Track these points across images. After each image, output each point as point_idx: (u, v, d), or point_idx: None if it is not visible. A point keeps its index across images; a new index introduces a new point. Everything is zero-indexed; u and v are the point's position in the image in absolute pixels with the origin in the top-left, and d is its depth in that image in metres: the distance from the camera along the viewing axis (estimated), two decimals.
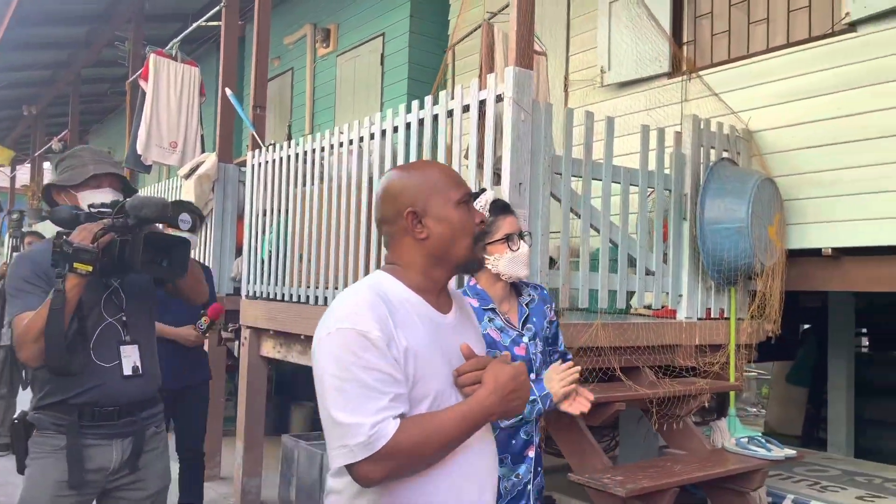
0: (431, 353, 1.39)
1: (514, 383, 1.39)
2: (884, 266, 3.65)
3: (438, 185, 1.46)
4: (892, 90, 3.57)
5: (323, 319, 1.39)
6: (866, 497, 4.02)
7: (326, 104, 8.21)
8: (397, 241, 1.47)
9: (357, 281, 1.58)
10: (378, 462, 1.27)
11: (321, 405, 1.35)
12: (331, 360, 1.31)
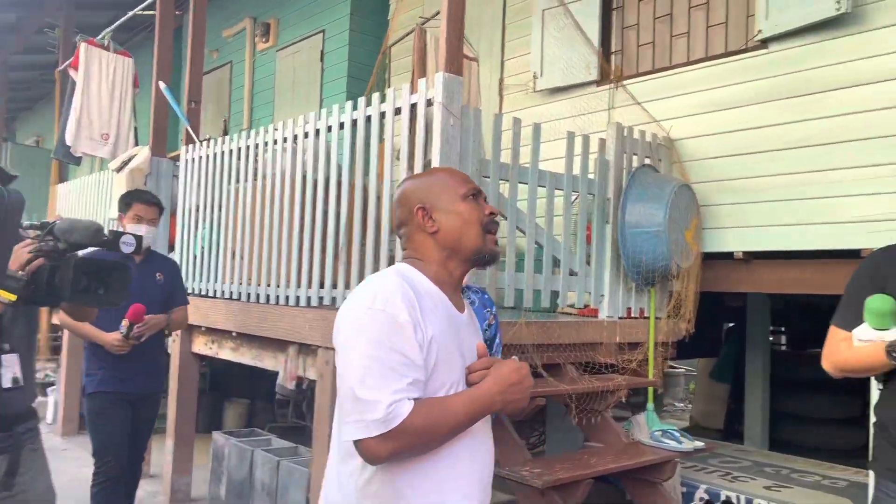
0: (450, 345, 1.47)
1: (516, 376, 1.47)
2: (790, 269, 3.89)
3: (446, 182, 1.59)
4: (799, 104, 3.81)
5: (352, 299, 1.46)
6: (773, 487, 4.28)
7: (265, 99, 8.15)
8: (412, 239, 1.58)
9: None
10: (389, 440, 1.34)
11: (342, 379, 1.41)
12: (360, 337, 1.38)
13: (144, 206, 3.66)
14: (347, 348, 1.41)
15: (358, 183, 3.69)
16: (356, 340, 1.39)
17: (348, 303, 1.47)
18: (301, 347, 3.98)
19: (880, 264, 2.14)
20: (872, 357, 2.04)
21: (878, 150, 3.48)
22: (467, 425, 1.44)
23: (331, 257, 3.81)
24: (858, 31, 3.58)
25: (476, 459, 1.51)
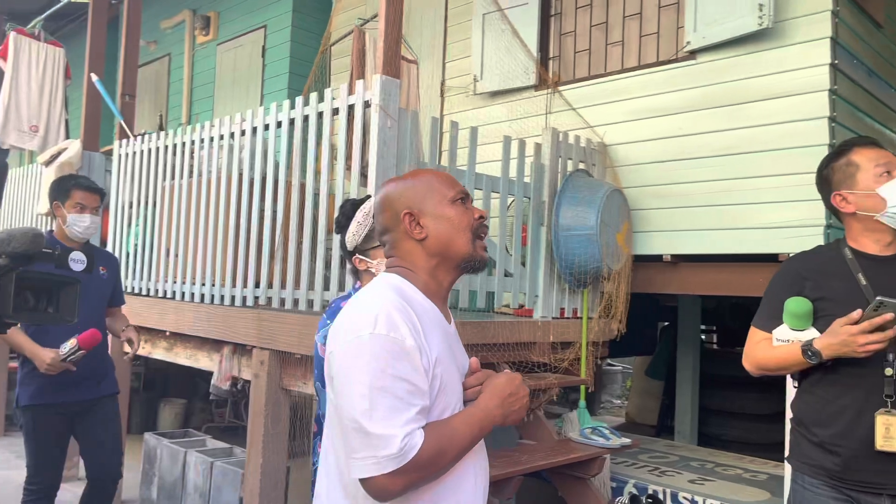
0: (450, 364, 1.41)
1: (511, 387, 1.42)
2: (713, 272, 4.06)
3: (432, 185, 1.49)
4: (724, 114, 3.97)
5: (348, 321, 1.35)
6: (697, 480, 4.45)
7: (205, 94, 8.00)
8: (399, 247, 1.49)
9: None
10: (402, 474, 1.26)
11: (343, 412, 1.31)
12: (363, 366, 1.28)
13: (86, 193, 3.35)
14: (349, 379, 1.29)
15: (295, 182, 3.68)
16: (359, 370, 1.28)
17: (346, 326, 1.35)
18: (236, 347, 3.95)
19: (798, 269, 2.21)
20: (790, 356, 2.12)
21: (793, 160, 3.66)
22: (472, 446, 1.38)
23: (267, 256, 3.79)
24: (778, 45, 3.76)
25: (479, 475, 1.47)
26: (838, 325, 2.01)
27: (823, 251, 2.25)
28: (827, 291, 2.12)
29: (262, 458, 3.57)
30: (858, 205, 2.11)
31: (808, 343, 2.07)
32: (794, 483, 2.34)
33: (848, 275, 2.12)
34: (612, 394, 11.26)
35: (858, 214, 2.12)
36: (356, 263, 2.45)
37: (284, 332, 3.48)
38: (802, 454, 2.30)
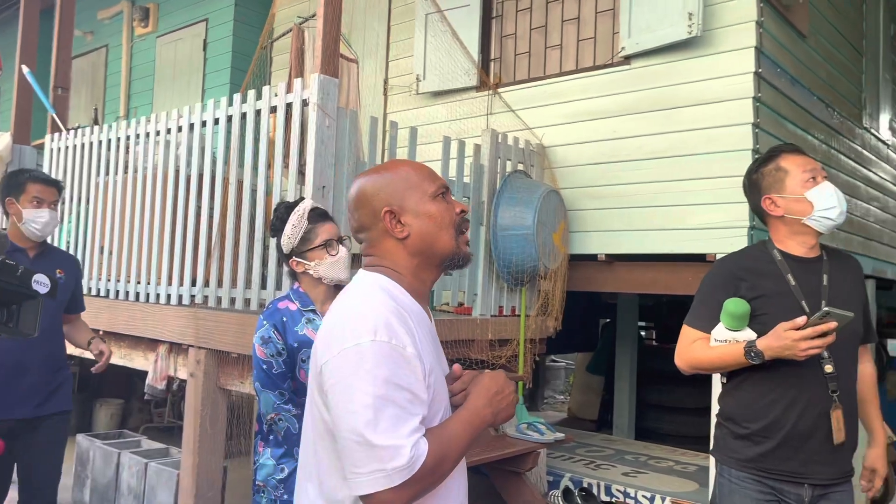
0: (439, 368, 1.35)
1: (496, 385, 1.36)
2: (646, 271, 4.19)
3: (412, 180, 1.40)
4: (656, 118, 4.10)
5: (343, 327, 1.27)
6: (630, 473, 4.59)
7: (144, 87, 7.82)
8: (379, 246, 1.40)
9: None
10: (408, 486, 1.19)
11: (342, 423, 1.23)
12: (365, 375, 1.20)
13: (42, 186, 3.00)
14: (349, 389, 1.21)
15: (233, 179, 3.65)
16: (361, 379, 1.20)
17: (342, 334, 1.26)
18: (172, 347, 3.90)
19: (733, 269, 2.25)
20: (730, 356, 2.19)
21: (720, 164, 3.81)
22: (468, 449, 1.32)
23: (204, 254, 3.75)
24: (707, 53, 3.90)
25: (463, 477, 1.43)
26: (782, 329, 2.07)
27: (752, 252, 2.30)
28: (761, 291, 2.20)
29: (198, 459, 3.54)
30: (787, 208, 2.17)
31: (751, 344, 2.12)
32: (720, 476, 2.42)
33: (778, 275, 2.21)
34: (555, 389, 11.45)
35: (786, 217, 2.19)
36: (293, 266, 2.45)
37: (221, 331, 3.45)
38: (728, 448, 2.39)
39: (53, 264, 3.09)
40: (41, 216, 2.98)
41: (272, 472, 2.40)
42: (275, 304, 2.47)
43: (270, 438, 2.42)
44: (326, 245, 2.42)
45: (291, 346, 2.36)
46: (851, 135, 5.04)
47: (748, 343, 2.14)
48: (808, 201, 2.14)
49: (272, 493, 2.40)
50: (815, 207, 2.15)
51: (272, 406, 2.33)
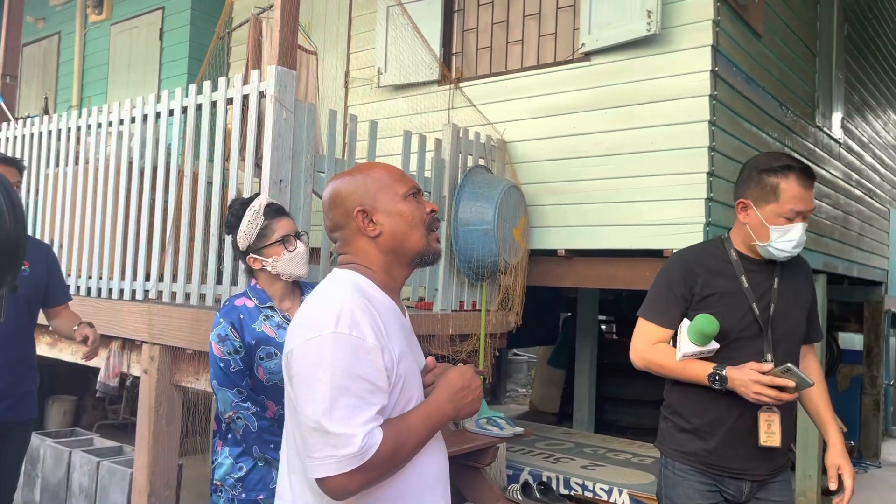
0: (411, 358, 1.41)
1: (462, 381, 1.42)
2: (605, 266, 4.23)
3: (384, 181, 1.47)
4: (615, 115, 4.14)
5: (308, 320, 1.33)
6: (589, 466, 4.64)
7: (98, 76, 7.62)
8: (352, 244, 1.47)
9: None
10: (361, 472, 1.26)
11: (303, 411, 1.29)
12: (325, 365, 1.27)
13: (5, 168, 2.79)
14: (309, 378, 1.28)
15: (188, 172, 3.58)
16: (321, 369, 1.27)
17: (306, 324, 1.33)
18: (125, 343, 3.81)
19: (690, 264, 2.27)
20: (692, 373, 2.20)
21: (677, 160, 3.86)
22: (427, 441, 1.38)
23: (158, 248, 3.67)
24: (665, 50, 3.94)
25: (440, 464, 1.47)
26: (749, 368, 2.12)
27: (709, 249, 2.32)
28: (714, 289, 2.23)
29: (152, 457, 3.47)
30: (752, 223, 2.18)
31: (718, 371, 2.15)
32: (665, 469, 2.47)
33: (732, 275, 2.24)
34: (517, 382, 11.53)
35: (746, 228, 2.21)
36: (250, 262, 2.41)
37: (176, 326, 3.38)
38: (674, 441, 2.44)
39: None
40: None
41: (230, 470, 2.36)
42: (231, 301, 2.43)
43: (229, 437, 2.38)
44: (283, 241, 2.39)
45: (249, 343, 2.32)
46: (804, 133, 5.16)
47: (716, 368, 2.16)
48: (769, 233, 2.15)
49: (230, 493, 2.37)
50: (771, 241, 2.16)
51: (230, 404, 2.30)
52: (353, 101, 5.43)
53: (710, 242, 2.36)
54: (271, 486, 2.37)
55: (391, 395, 1.35)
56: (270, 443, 2.31)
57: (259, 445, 2.32)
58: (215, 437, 2.44)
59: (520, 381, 11.66)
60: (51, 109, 7.35)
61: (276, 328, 2.36)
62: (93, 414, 6.98)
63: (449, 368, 1.47)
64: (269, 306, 2.39)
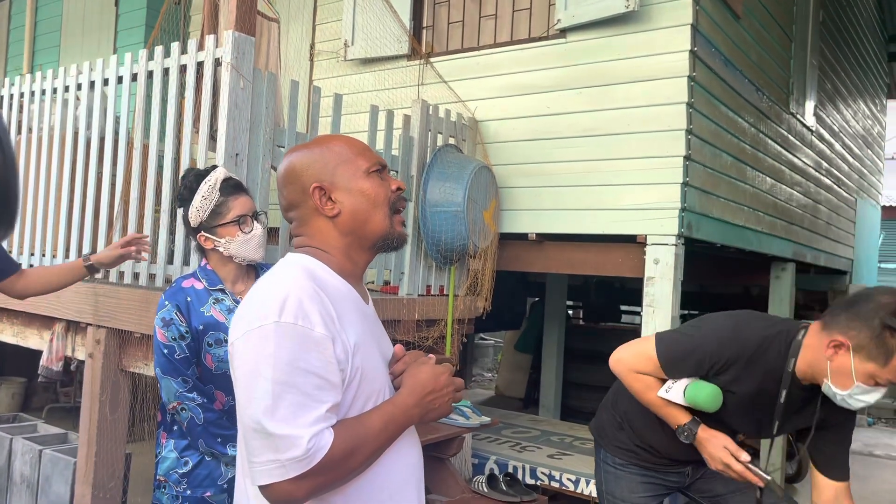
0: (371, 348, 1.27)
1: (434, 384, 1.28)
2: (576, 251, 4.11)
3: (344, 155, 1.33)
4: (591, 94, 3.99)
5: (251, 308, 1.19)
6: (556, 455, 4.55)
7: (50, 43, 7.24)
8: (308, 224, 1.32)
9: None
10: (308, 478, 1.12)
11: (244, 410, 1.15)
12: (265, 359, 1.13)
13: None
14: (250, 372, 1.15)
15: (137, 144, 3.35)
16: (262, 363, 1.14)
17: (247, 313, 1.19)
18: (69, 325, 3.58)
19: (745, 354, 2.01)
20: (665, 414, 2.10)
21: (653, 143, 3.74)
22: (388, 445, 1.24)
23: (105, 225, 3.44)
24: (644, 29, 3.80)
25: (411, 464, 1.34)
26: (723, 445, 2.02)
27: (775, 348, 2.01)
28: (748, 388, 2.02)
29: (97, 447, 3.27)
30: (837, 366, 1.90)
31: (692, 428, 2.05)
32: (603, 463, 2.38)
33: (775, 383, 2.01)
34: (483, 367, 11.47)
35: (830, 372, 1.91)
36: (201, 241, 2.22)
37: (123, 309, 3.17)
38: (613, 437, 2.34)
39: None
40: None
41: (174, 465, 2.20)
42: (179, 282, 2.25)
43: (174, 429, 2.22)
44: (239, 221, 2.20)
45: (196, 328, 2.15)
46: (779, 119, 5.09)
47: (690, 424, 2.06)
48: (854, 384, 1.89)
49: (174, 489, 2.20)
50: (849, 393, 1.90)
51: (174, 394, 2.12)
52: (318, 74, 5.20)
53: (779, 342, 2.01)
54: (219, 482, 2.21)
55: (347, 390, 1.20)
56: (218, 436, 2.15)
57: (205, 439, 2.15)
58: (160, 428, 2.28)
59: (486, 365, 11.60)
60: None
61: (227, 312, 2.19)
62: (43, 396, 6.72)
63: (420, 363, 1.32)
64: (220, 289, 2.22)
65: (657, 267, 3.67)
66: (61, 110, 3.67)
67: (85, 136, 3.55)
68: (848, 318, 1.88)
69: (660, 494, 2.33)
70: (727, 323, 2.06)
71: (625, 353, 2.15)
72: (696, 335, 2.07)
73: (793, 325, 2.03)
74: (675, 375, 2.07)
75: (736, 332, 2.02)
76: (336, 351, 1.18)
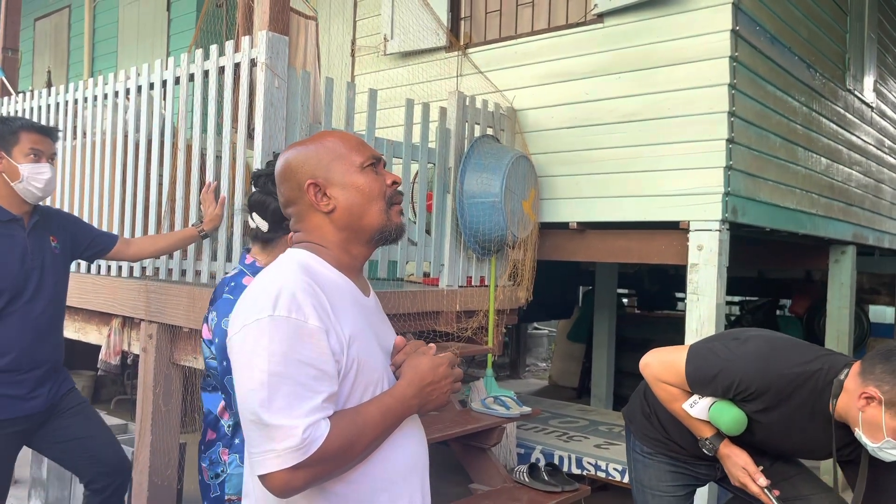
0: (369, 340, 1.29)
1: (433, 375, 1.29)
2: (619, 239, 4.05)
3: (338, 151, 1.34)
4: (631, 79, 3.92)
5: (247, 304, 1.22)
6: (603, 445, 4.51)
7: (108, 49, 7.53)
8: (305, 221, 1.35)
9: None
10: (304, 468, 1.15)
11: (242, 401, 1.19)
12: (261, 351, 1.16)
13: (39, 136, 2.52)
14: (247, 365, 1.17)
15: (182, 145, 3.46)
16: (257, 356, 1.16)
17: (244, 309, 1.22)
18: (125, 320, 3.74)
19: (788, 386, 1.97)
20: (689, 424, 2.11)
21: (696, 127, 3.65)
22: (386, 435, 1.27)
23: (154, 223, 3.58)
24: (683, 10, 3.70)
25: (415, 454, 1.35)
26: (742, 465, 2.05)
27: (808, 385, 1.96)
28: (769, 418, 1.99)
29: (153, 436, 3.41)
30: (869, 418, 1.86)
31: (714, 443, 2.08)
32: (633, 451, 2.37)
33: (805, 421, 1.97)
34: (537, 357, 11.41)
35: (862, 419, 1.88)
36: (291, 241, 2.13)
37: (173, 304, 3.30)
38: (643, 425, 2.33)
39: (47, 233, 2.62)
40: (42, 172, 2.49)
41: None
42: (238, 280, 2.10)
43: (236, 443, 2.13)
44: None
45: None
46: (834, 97, 4.88)
47: (712, 440, 2.07)
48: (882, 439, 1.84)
49: None
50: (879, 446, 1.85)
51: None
52: (359, 70, 5.26)
53: (816, 375, 1.95)
54: None
55: (344, 381, 1.23)
56: None
57: None
58: (215, 445, 2.18)
59: (540, 355, 11.53)
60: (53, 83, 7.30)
61: None
62: (111, 389, 7.03)
63: (419, 354, 1.33)
64: None
65: (701, 253, 3.58)
66: (112, 115, 3.82)
67: (133, 139, 3.69)
68: (883, 372, 1.83)
69: (689, 485, 2.30)
70: (763, 350, 1.99)
71: (654, 360, 2.13)
72: (728, 358, 2.01)
73: (836, 362, 1.95)
74: (702, 393, 2.05)
75: (769, 363, 1.97)
76: (330, 342, 1.20)
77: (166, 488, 3.44)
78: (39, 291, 2.54)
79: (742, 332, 2.10)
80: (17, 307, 2.49)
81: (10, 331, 2.47)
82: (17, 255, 2.48)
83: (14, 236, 2.49)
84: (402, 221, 1.40)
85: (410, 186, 3.92)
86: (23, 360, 2.52)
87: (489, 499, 3.24)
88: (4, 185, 2.48)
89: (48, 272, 2.58)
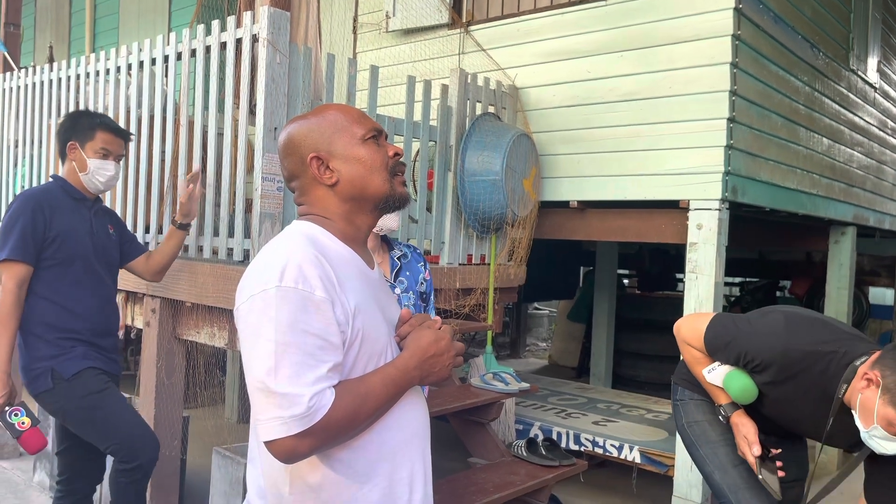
0: (373, 311, 1.31)
1: (435, 347, 1.31)
2: (619, 218, 4.06)
3: (339, 124, 1.36)
4: (632, 58, 3.91)
5: (254, 274, 1.24)
6: (600, 422, 4.56)
7: (109, 25, 7.51)
8: (309, 194, 1.37)
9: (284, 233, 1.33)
10: (310, 436, 1.18)
11: (249, 371, 1.21)
12: (268, 322, 1.18)
13: (112, 137, 2.72)
14: (254, 335, 1.20)
15: (184, 121, 3.47)
16: (264, 325, 1.18)
17: (250, 279, 1.24)
18: (128, 295, 3.78)
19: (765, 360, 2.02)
20: (708, 388, 2.23)
21: (696, 106, 3.65)
22: (389, 405, 1.30)
23: (156, 199, 3.60)
24: None
25: (416, 421, 1.37)
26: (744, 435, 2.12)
27: (818, 365, 1.96)
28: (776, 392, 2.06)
29: (156, 409, 3.46)
30: (865, 403, 1.86)
31: (726, 412, 2.18)
32: (680, 401, 2.43)
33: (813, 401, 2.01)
34: (537, 337, 11.47)
35: (860, 401, 1.88)
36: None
37: (175, 279, 3.32)
38: (688, 375, 2.40)
39: (105, 220, 2.83)
40: (107, 169, 2.71)
41: None
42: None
43: None
44: None
45: None
46: (837, 77, 4.87)
47: (726, 407, 2.18)
48: (874, 426, 1.85)
49: None
50: (871, 432, 1.86)
51: None
52: (361, 47, 5.25)
53: (831, 356, 1.95)
54: None
55: (348, 352, 1.25)
56: None
57: None
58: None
59: (540, 335, 11.59)
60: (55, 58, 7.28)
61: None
62: None
63: (424, 327, 1.36)
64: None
65: (700, 232, 3.60)
66: (114, 90, 3.83)
67: (136, 115, 3.70)
68: (893, 358, 1.84)
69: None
70: (777, 326, 2.02)
71: (685, 323, 2.25)
72: (743, 329, 2.08)
73: (856, 348, 1.94)
74: (719, 360, 2.15)
75: (778, 339, 1.99)
76: (336, 313, 1.22)
77: (171, 459, 3.49)
78: (104, 265, 2.77)
79: (770, 308, 2.17)
80: (91, 275, 2.70)
81: (90, 299, 2.68)
82: (87, 229, 2.71)
83: (83, 213, 2.72)
84: (405, 190, 1.41)
85: (412, 164, 3.93)
86: (100, 325, 2.73)
87: (487, 472, 3.29)
88: (74, 173, 2.73)
89: (109, 251, 2.81)
